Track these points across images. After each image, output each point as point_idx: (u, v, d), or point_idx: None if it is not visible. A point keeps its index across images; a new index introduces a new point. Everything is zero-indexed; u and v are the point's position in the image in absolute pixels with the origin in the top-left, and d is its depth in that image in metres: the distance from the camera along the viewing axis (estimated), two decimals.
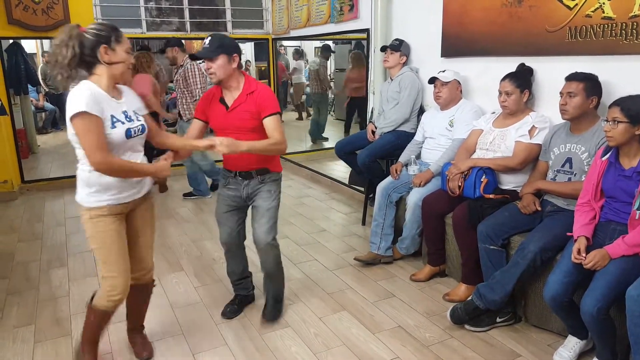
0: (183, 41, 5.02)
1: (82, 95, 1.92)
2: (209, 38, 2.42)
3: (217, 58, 2.37)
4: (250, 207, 2.69)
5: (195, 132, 2.57)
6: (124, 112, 2.07)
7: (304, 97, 9.44)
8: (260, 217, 2.60)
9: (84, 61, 1.99)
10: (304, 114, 9.52)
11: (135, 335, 2.54)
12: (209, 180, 5.29)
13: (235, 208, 2.69)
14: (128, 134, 2.05)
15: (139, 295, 2.42)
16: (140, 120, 2.14)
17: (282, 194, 2.75)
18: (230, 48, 2.42)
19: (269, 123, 2.43)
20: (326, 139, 7.64)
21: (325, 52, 7.78)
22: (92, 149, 1.93)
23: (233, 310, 2.86)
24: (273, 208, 2.62)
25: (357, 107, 6.49)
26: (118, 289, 2.18)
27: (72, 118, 1.91)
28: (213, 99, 2.54)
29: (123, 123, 2.04)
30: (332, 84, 8.19)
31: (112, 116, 2.01)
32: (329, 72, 8.02)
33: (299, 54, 9.41)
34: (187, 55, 4.77)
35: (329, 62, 8.04)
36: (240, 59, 2.48)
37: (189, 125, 2.91)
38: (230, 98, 2.49)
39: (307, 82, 9.11)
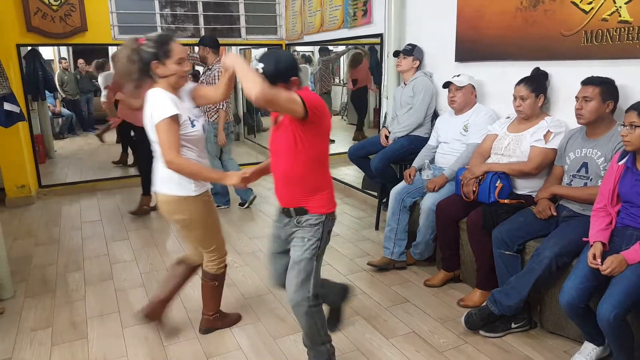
0: (218, 41, 4.71)
1: (166, 100, 2.15)
2: (261, 65, 1.93)
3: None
4: None
5: None
6: (189, 114, 2.28)
7: None
8: (290, 270, 2.14)
9: (147, 71, 2.19)
10: None
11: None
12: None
13: (280, 250, 2.27)
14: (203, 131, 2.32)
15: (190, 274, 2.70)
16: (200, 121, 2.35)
17: None
18: (287, 72, 1.97)
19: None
20: (332, 141, 7.63)
21: (323, 52, 7.78)
22: (171, 148, 2.15)
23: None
24: (305, 260, 2.10)
25: (358, 98, 7.30)
26: (223, 259, 2.61)
27: (162, 120, 2.11)
28: None
29: (196, 122, 2.28)
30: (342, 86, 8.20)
31: (188, 117, 2.24)
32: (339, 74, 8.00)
33: (304, 58, 9.36)
34: (218, 58, 4.54)
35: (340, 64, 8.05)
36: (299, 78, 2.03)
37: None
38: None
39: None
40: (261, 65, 1.92)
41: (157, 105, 2.14)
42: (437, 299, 3.07)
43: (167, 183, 2.31)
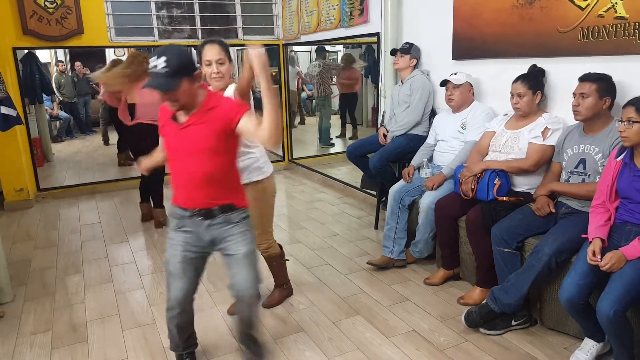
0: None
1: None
2: (163, 57, 1.87)
3: (179, 86, 1.89)
4: (221, 255, 2.19)
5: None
6: None
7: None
8: (241, 267, 2.10)
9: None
10: (305, 118, 9.60)
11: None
12: None
13: (195, 257, 2.15)
14: None
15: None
16: None
17: (294, 199, 2.78)
18: (189, 65, 1.95)
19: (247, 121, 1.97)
20: (332, 145, 7.64)
21: (320, 53, 7.77)
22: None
23: None
24: (253, 251, 2.14)
25: (348, 102, 7.55)
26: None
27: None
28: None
29: None
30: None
31: None
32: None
33: (289, 60, 9.22)
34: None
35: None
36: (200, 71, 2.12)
37: None
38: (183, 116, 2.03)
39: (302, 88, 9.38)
40: (163, 59, 1.86)
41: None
42: (437, 297, 3.07)
43: (255, 171, 2.63)
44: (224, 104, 2.02)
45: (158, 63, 1.86)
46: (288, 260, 3.15)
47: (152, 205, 4.61)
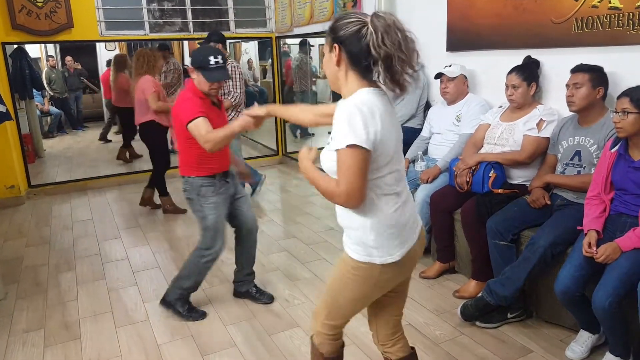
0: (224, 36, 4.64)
1: None
2: (220, 55, 2.52)
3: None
4: (233, 200, 2.82)
5: None
6: None
7: None
8: (248, 205, 2.89)
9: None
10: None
11: None
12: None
13: (229, 208, 2.81)
14: None
15: None
16: None
17: (289, 193, 2.78)
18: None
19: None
20: (311, 135, 7.60)
21: (302, 47, 7.71)
22: None
23: None
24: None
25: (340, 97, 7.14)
26: None
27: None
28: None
29: None
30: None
31: None
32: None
33: (226, 54, 9.05)
34: (227, 53, 4.51)
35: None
36: None
37: None
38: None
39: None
40: (220, 56, 2.52)
41: None
42: (433, 291, 3.06)
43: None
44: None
45: (219, 59, 2.50)
46: None
47: (160, 193, 4.72)
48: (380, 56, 1.39)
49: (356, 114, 1.39)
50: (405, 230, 1.56)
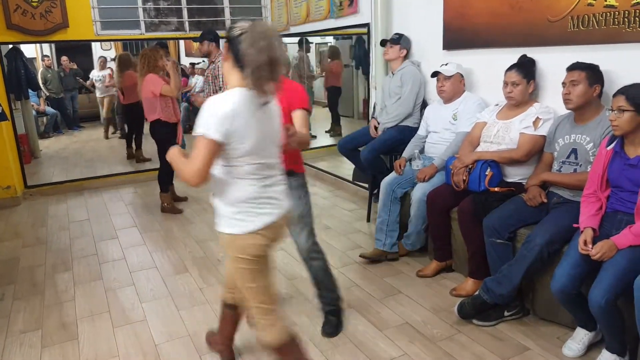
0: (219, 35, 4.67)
1: None
2: None
3: None
4: None
5: None
6: None
7: None
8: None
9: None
10: None
11: None
12: None
13: None
14: None
15: None
16: None
17: None
18: None
19: None
20: (314, 137, 7.57)
21: (300, 45, 7.71)
22: None
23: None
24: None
25: (330, 96, 7.36)
26: None
27: None
28: None
29: None
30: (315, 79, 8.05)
31: None
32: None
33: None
34: (220, 52, 4.52)
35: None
36: None
37: None
38: None
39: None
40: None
41: None
42: (430, 289, 3.07)
43: None
44: None
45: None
46: None
47: (160, 190, 4.76)
48: (246, 61, 1.62)
49: (217, 109, 1.64)
50: (261, 207, 1.81)
